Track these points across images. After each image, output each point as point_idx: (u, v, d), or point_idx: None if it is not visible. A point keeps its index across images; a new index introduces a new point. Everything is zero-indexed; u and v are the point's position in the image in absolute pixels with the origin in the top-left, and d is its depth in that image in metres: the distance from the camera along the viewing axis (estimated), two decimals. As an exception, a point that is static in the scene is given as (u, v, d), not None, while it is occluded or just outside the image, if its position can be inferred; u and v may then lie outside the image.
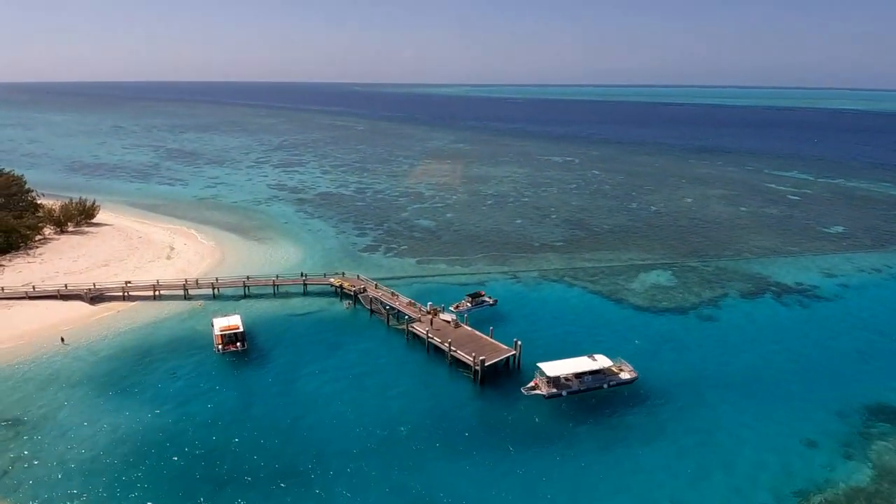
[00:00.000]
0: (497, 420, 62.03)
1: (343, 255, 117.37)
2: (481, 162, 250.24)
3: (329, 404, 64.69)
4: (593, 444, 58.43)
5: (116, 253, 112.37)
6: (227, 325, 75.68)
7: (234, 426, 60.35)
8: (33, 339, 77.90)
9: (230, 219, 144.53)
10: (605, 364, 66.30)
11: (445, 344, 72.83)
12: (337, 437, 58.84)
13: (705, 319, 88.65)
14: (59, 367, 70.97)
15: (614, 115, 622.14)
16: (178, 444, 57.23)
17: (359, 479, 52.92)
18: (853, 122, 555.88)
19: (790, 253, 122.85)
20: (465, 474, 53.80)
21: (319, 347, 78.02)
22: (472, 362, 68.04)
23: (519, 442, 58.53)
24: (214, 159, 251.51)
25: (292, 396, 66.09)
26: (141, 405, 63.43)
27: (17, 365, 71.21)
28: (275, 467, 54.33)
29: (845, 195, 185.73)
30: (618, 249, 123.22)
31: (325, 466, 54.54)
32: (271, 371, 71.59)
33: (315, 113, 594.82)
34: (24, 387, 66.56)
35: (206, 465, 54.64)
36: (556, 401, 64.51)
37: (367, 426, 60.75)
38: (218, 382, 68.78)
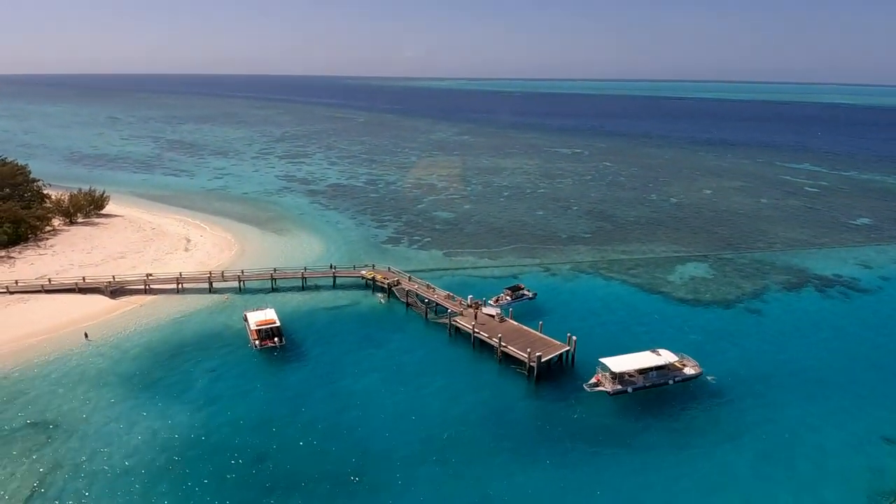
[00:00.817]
0: (558, 419, 58.65)
1: (366, 247, 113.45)
2: (489, 154, 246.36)
3: (377, 403, 61.10)
4: (664, 443, 55.24)
5: (132, 245, 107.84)
6: (263, 319, 71.77)
7: (282, 428, 56.61)
8: (55, 335, 73.64)
9: (243, 210, 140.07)
10: (669, 359, 63.14)
11: (494, 339, 69.33)
12: (390, 439, 55.25)
13: (753, 312, 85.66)
14: (85, 366, 66.81)
15: (611, 108, 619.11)
16: (224, 449, 53.41)
17: (416, 484, 49.44)
18: (848, 116, 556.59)
19: (822, 245, 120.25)
20: (531, 477, 50.40)
21: (358, 342, 74.30)
22: (527, 358, 64.57)
23: (584, 441, 55.22)
24: (217, 150, 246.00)
25: (338, 395, 62.37)
26: (179, 406, 59.47)
27: (42, 363, 67.00)
28: (328, 472, 50.69)
29: (862, 187, 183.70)
30: (648, 241, 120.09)
31: (380, 470, 51.00)
32: (312, 368, 67.83)
33: (312, 105, 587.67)
34: (51, 387, 62.40)
35: (256, 470, 50.93)
36: (621, 398, 61.28)
37: (420, 426, 57.26)
38: (258, 381, 64.93)
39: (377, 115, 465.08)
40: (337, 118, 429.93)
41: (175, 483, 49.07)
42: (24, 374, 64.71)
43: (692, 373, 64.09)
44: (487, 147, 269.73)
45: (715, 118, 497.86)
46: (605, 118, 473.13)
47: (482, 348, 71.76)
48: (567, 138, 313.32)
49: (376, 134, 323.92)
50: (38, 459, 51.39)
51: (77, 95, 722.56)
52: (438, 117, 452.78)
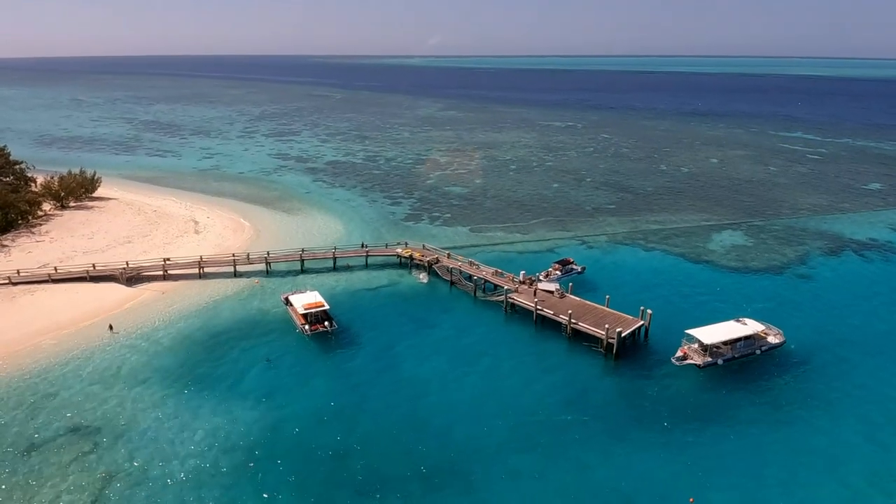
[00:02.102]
0: (649, 396, 54.96)
1: (386, 225, 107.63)
2: (483, 128, 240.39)
3: (450, 389, 56.43)
4: (767, 416, 52.13)
5: (136, 229, 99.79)
6: (311, 302, 65.97)
7: (355, 420, 51.59)
8: (74, 328, 66.57)
9: (245, 190, 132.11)
10: (756, 328, 60.06)
11: (562, 316, 65.04)
12: (474, 428, 50.70)
13: (804, 278, 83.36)
14: (117, 361, 60.26)
15: (587, 83, 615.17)
16: (298, 446, 48.20)
17: (515, 475, 45.30)
18: (819, 87, 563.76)
19: (845, 210, 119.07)
20: (635, 459, 46.77)
21: (409, 324, 69.25)
22: (605, 335, 60.48)
23: (684, 418, 51.71)
24: (198, 130, 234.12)
25: (406, 382, 57.44)
26: (235, 401, 53.74)
27: (67, 360, 60.17)
28: (417, 467, 45.99)
29: (860, 154, 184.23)
30: (674, 211, 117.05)
31: (472, 462, 46.57)
32: (369, 353, 62.60)
33: (284, 84, 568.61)
34: (84, 387, 55.86)
35: (338, 468, 45.92)
36: (712, 370, 57.89)
37: (503, 412, 52.86)
38: (316, 369, 59.56)
39: (354, 93, 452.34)
40: (313, 96, 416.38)
41: (252, 489, 43.73)
42: (49, 373, 57.91)
43: (776, 341, 61.12)
44: (478, 122, 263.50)
45: (691, 90, 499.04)
46: (585, 92, 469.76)
47: (544, 326, 67.49)
48: (555, 112, 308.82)
49: (359, 110, 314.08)
50: (87, 470, 45.36)
51: (32, 78, 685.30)
52: (417, 94, 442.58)
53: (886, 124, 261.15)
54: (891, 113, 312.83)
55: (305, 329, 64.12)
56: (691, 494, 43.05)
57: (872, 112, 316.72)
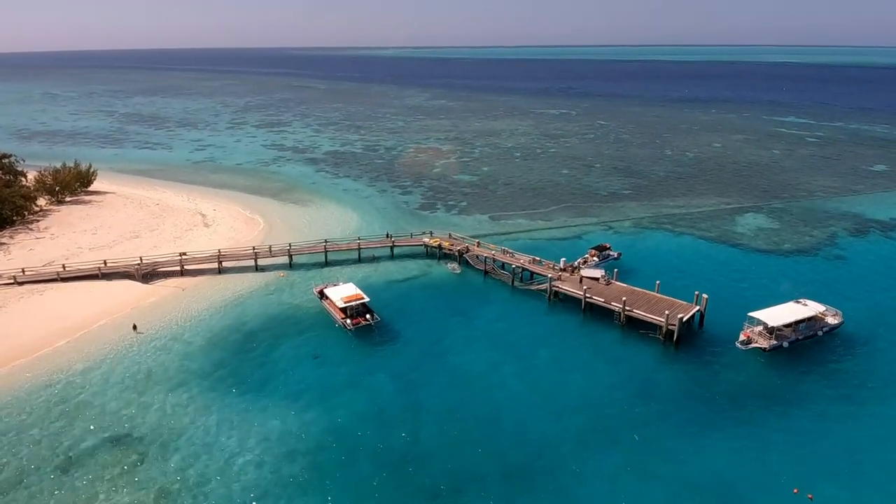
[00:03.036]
0: (718, 382, 52.80)
1: (402, 215, 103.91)
2: (477, 116, 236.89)
3: (509, 383, 53.49)
4: (840, 398, 50.49)
5: (141, 223, 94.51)
6: (349, 295, 62.26)
7: (417, 420, 48.38)
8: (93, 329, 61.98)
9: (246, 182, 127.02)
10: (817, 309, 58.46)
11: (614, 303, 62.48)
12: (546, 424, 47.92)
13: (839, 259, 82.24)
14: (148, 363, 56.01)
15: (568, 72, 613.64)
16: (362, 450, 44.87)
17: (600, 473, 42.63)
18: (796, 73, 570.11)
19: (858, 191, 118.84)
20: (724, 448, 44.59)
21: (450, 316, 66.03)
22: (664, 321, 58.07)
23: (759, 404, 49.85)
24: (184, 122, 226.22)
25: (462, 378, 54.29)
26: (285, 404, 50.11)
27: (92, 364, 55.74)
28: (492, 468, 43.09)
29: (857, 136, 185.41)
30: (692, 195, 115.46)
31: (551, 460, 43.83)
32: (416, 347, 59.29)
33: (264, 76, 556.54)
34: (117, 393, 51.64)
35: (410, 472, 42.76)
36: (778, 353, 55.99)
37: (571, 405, 50.23)
38: (364, 366, 56.06)
39: (336, 83, 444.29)
40: (295, 87, 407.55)
41: (322, 498, 40.31)
42: (74, 379, 53.50)
43: (835, 322, 59.55)
44: (470, 110, 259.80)
45: (671, 78, 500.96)
46: (567, 80, 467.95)
47: (593, 314, 64.87)
48: (545, 100, 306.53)
49: (347, 101, 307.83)
50: (138, 485, 41.39)
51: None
52: (401, 84, 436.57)
53: (870, 107, 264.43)
54: (869, 97, 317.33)
55: (347, 323, 60.46)
56: (790, 483, 40.96)
57: (853, 96, 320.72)
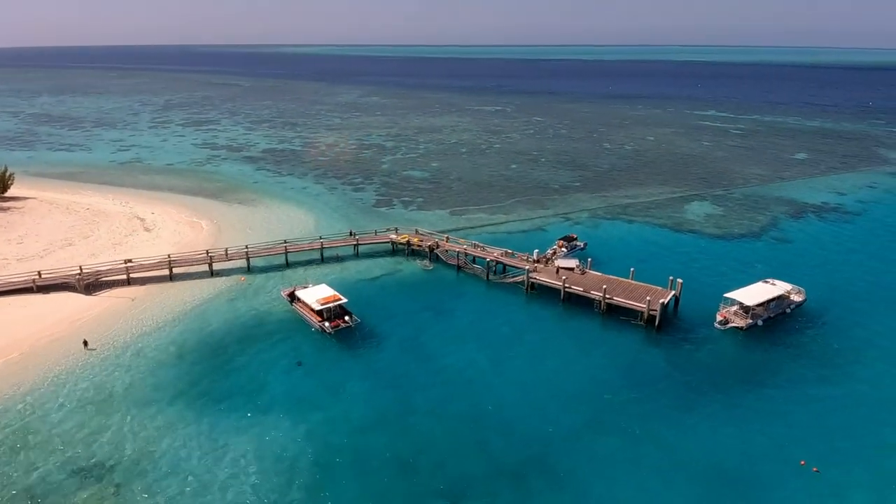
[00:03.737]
0: (701, 364, 54.13)
1: (359, 212, 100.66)
2: (415, 113, 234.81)
3: (496, 378, 52.46)
4: (813, 371, 53.17)
5: (72, 229, 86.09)
6: (326, 296, 59.04)
7: (406, 420, 46.59)
8: (35, 349, 55.43)
9: (182, 183, 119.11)
10: (785, 288, 61.63)
11: (593, 292, 62.81)
12: (542, 417, 47.13)
13: (785, 241, 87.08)
14: (105, 382, 50.70)
15: (496, 70, 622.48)
16: (361, 460, 42.47)
17: (600, 459, 42.69)
18: (706, 71, 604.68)
19: (787, 178, 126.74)
20: (710, 429, 45.56)
21: (426, 313, 64.23)
22: (646, 307, 58.87)
23: (742, 382, 51.62)
24: (101, 122, 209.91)
25: (446, 374, 52.76)
26: (270, 417, 46.61)
27: (41, 387, 49.80)
28: (497, 466, 41.93)
29: (773, 128, 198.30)
30: (638, 185, 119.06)
31: (548, 451, 43.35)
32: (397, 347, 57.09)
33: (178, 73, 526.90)
34: (75, 417, 46.34)
35: (408, 476, 41.02)
36: (754, 332, 58.40)
37: (559, 396, 49.89)
38: (346, 369, 53.37)
39: (260, 81, 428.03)
40: (217, 85, 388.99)
41: (331, 512, 37.59)
42: (23, 403, 47.57)
43: (799, 299, 62.86)
44: (406, 107, 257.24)
45: (593, 76, 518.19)
46: (497, 79, 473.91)
47: (571, 303, 64.97)
48: (479, 97, 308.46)
49: (275, 98, 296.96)
50: (115, 518, 36.99)
51: None
52: (330, 81, 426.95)
53: (779, 102, 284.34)
54: (776, 92, 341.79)
55: (325, 326, 57.25)
56: (795, 455, 42.24)
57: (759, 92, 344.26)
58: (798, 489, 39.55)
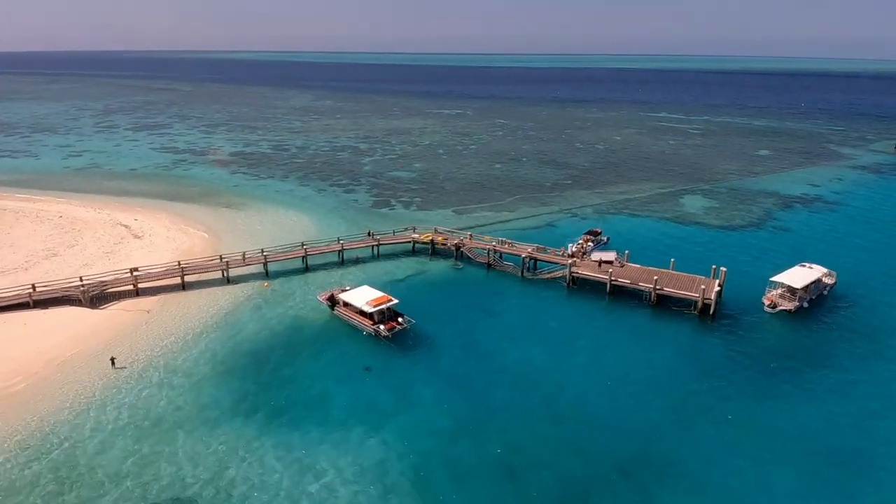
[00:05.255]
0: (765, 349, 54.52)
1: (360, 214, 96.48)
2: (376, 116, 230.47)
3: (562, 377, 50.31)
4: (871, 349, 54.23)
5: (52, 238, 77.60)
6: (375, 298, 55.33)
7: (491, 425, 44.10)
8: (57, 368, 48.87)
9: (155, 188, 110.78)
10: (822, 271, 63.09)
11: (642, 283, 62.12)
12: (626, 412, 45.65)
13: (784, 230, 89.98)
14: (147, 404, 45.31)
15: (442, 76, 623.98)
16: (460, 466, 39.82)
17: (703, 452, 41.56)
18: (639, 77, 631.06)
19: (759, 173, 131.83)
20: (805, 411, 45.47)
21: (472, 312, 61.63)
22: (700, 296, 58.64)
23: (805, 362, 52.20)
24: (39, 127, 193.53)
25: (513, 376, 50.40)
26: (343, 428, 43.11)
27: (74, 414, 43.84)
28: (598, 464, 40.20)
29: (727, 128, 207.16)
30: (626, 182, 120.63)
31: (652, 447, 41.85)
32: (457, 349, 54.22)
33: (109, 78, 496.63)
34: (126, 447, 40.93)
35: (520, 484, 38.55)
36: (801, 314, 59.73)
37: (637, 390, 48.51)
38: (410, 373, 50.21)
39: (200, 85, 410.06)
40: (156, 90, 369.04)
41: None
42: (59, 434, 41.40)
43: (832, 282, 64.71)
44: (364, 111, 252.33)
45: (537, 82, 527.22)
46: (445, 84, 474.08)
47: (616, 296, 64.07)
48: (434, 101, 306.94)
49: (223, 102, 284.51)
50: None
51: None
52: (275, 85, 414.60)
53: (717, 104, 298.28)
54: (716, 95, 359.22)
55: (380, 329, 53.53)
56: (873, 429, 42.67)
57: (696, 95, 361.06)
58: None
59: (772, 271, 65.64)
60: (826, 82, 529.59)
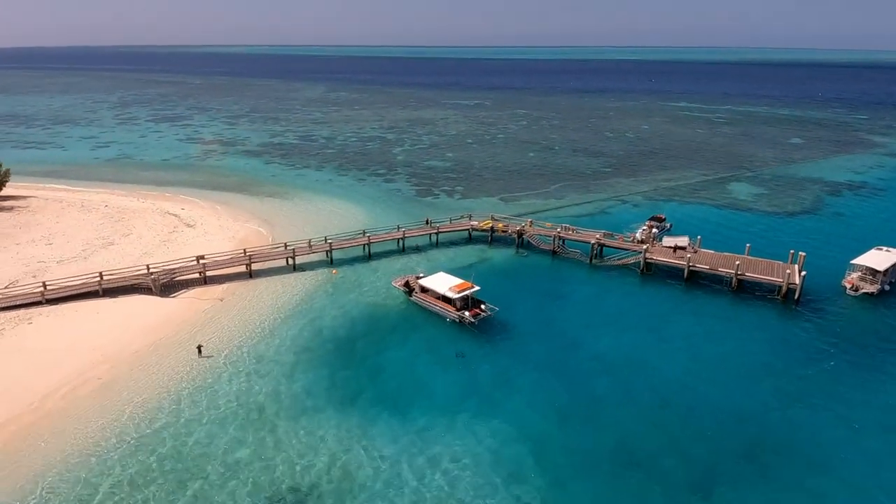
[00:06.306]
0: (857, 328, 53.73)
1: (406, 203, 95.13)
2: (395, 107, 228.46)
3: (658, 364, 48.76)
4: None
5: (103, 227, 76.26)
6: (457, 284, 54.08)
7: (609, 414, 42.76)
8: (140, 358, 47.61)
9: (194, 178, 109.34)
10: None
11: (722, 269, 60.82)
12: (734, 398, 44.18)
13: (840, 215, 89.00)
14: (245, 393, 44.16)
15: (444, 69, 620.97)
16: (584, 455, 38.57)
17: (815, 433, 40.37)
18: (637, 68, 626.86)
19: (797, 161, 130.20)
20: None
21: (548, 300, 60.26)
22: (784, 281, 57.36)
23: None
24: (59, 119, 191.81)
25: (608, 363, 48.82)
26: (453, 414, 41.81)
27: (172, 402, 42.48)
28: (722, 450, 38.94)
29: (751, 117, 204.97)
30: (667, 169, 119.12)
31: (771, 433, 40.42)
32: (541, 336, 53.02)
33: (110, 72, 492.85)
34: (228, 436, 39.73)
35: (649, 472, 37.22)
36: (883, 295, 58.90)
37: (735, 377, 47.03)
38: (507, 360, 48.95)
39: (209, 79, 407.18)
40: (164, 83, 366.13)
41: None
42: (164, 423, 40.17)
43: (902, 264, 63.45)
44: (382, 102, 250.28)
45: (546, 73, 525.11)
46: (451, 76, 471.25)
47: (693, 282, 62.76)
48: (447, 92, 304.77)
49: (235, 94, 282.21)
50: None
51: None
52: (283, 78, 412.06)
53: (736, 94, 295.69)
54: (727, 85, 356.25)
55: (466, 316, 52.27)
56: None
57: (713, 85, 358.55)
58: None
59: (841, 256, 64.62)
60: (832, 73, 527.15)
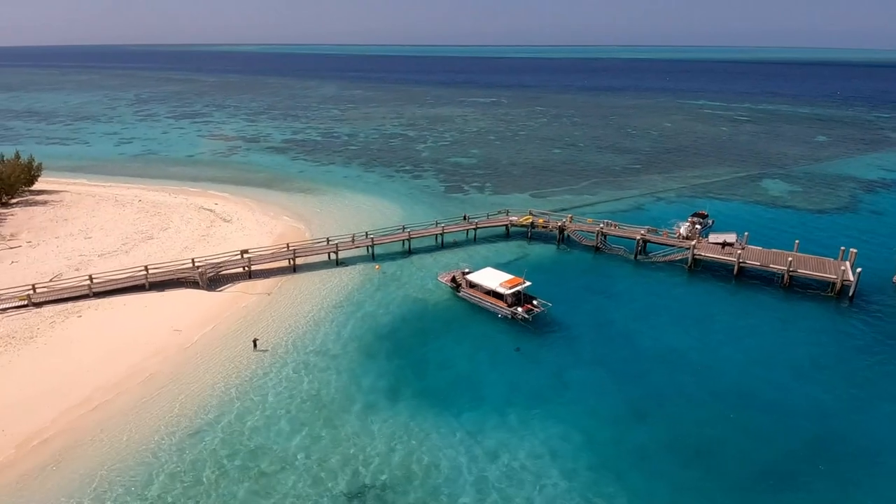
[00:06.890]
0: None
1: (438, 199, 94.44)
2: (412, 105, 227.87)
3: (714, 362, 47.55)
4: None
5: (140, 222, 76.12)
6: (507, 279, 53.55)
7: (673, 412, 41.78)
8: (198, 349, 47.26)
9: (223, 174, 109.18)
10: None
11: (773, 266, 59.86)
12: (790, 398, 43.08)
13: (880, 213, 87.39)
14: (305, 387, 43.54)
15: (455, 66, 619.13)
16: (653, 455, 37.77)
17: (889, 430, 39.54)
18: (648, 66, 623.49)
19: (826, 158, 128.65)
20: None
21: (595, 297, 59.38)
22: (839, 278, 56.39)
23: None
24: (78, 116, 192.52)
25: (665, 361, 47.64)
26: (517, 410, 41.27)
27: (233, 397, 42.05)
28: (779, 450, 38.12)
29: (774, 115, 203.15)
30: (696, 167, 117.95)
31: (839, 435, 39.51)
32: (594, 332, 52.16)
33: (122, 70, 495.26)
34: (298, 431, 39.23)
35: (722, 471, 36.47)
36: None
37: (795, 375, 45.94)
38: (565, 357, 48.13)
39: (223, 77, 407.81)
40: (178, 80, 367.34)
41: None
42: (224, 418, 39.74)
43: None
44: (398, 100, 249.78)
45: (554, 71, 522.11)
46: (463, 74, 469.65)
47: (743, 279, 61.87)
48: (462, 90, 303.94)
49: (251, 92, 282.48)
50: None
51: None
52: (297, 76, 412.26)
53: (753, 92, 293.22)
54: (743, 83, 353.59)
55: (518, 312, 51.62)
56: None
57: (729, 83, 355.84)
58: None
59: (887, 253, 63.61)
60: (845, 71, 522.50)
